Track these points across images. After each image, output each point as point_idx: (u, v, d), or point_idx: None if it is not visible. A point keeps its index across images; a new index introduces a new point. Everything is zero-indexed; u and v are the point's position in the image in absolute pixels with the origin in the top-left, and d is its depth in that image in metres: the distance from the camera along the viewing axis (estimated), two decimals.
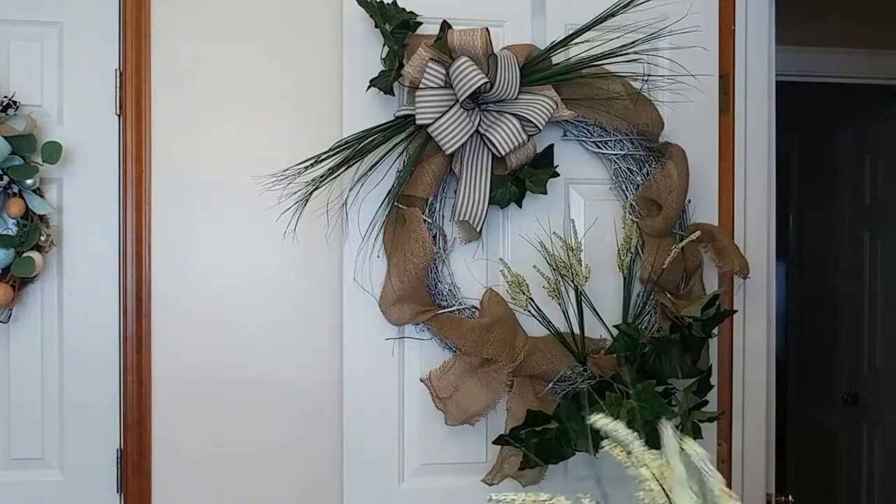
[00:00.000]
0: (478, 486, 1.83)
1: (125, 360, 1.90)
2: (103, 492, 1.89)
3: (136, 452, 1.90)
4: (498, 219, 1.87)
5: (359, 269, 1.82)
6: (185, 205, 1.93)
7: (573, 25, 1.84)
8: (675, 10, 1.87)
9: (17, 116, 1.78)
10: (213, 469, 1.93)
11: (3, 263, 1.76)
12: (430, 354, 1.84)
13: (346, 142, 1.76)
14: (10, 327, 1.85)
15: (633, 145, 1.87)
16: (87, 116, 1.89)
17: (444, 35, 1.74)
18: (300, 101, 1.95)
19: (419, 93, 1.70)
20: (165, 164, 1.92)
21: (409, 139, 1.77)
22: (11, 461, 1.87)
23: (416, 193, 1.77)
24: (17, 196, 1.78)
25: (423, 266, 1.76)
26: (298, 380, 1.95)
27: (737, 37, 2.06)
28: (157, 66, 1.92)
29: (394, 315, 1.80)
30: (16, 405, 1.87)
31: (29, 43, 1.87)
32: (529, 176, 1.80)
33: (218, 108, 1.94)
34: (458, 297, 1.83)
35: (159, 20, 1.92)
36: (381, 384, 1.84)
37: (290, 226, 1.83)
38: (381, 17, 1.76)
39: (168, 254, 1.92)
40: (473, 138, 1.74)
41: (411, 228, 1.76)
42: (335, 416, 1.90)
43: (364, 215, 1.81)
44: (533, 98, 1.75)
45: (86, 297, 1.89)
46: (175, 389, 1.92)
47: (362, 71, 1.80)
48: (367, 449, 1.84)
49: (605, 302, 1.88)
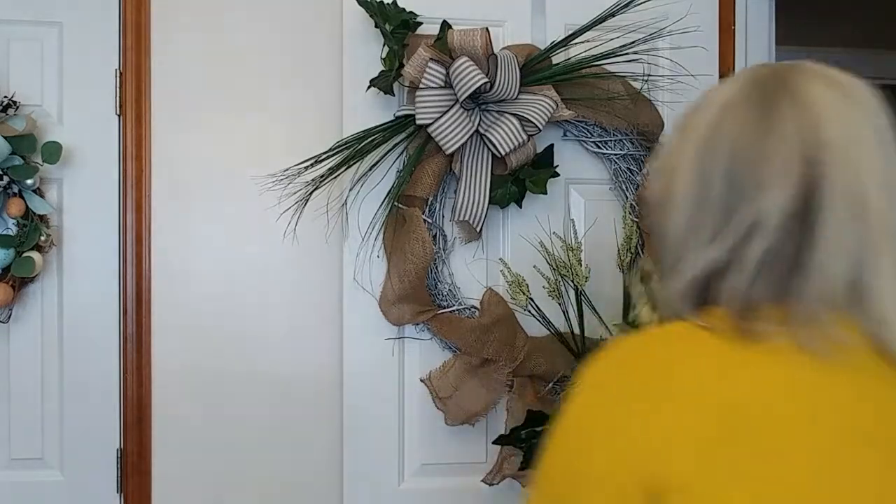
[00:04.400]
0: (478, 486, 1.83)
1: (125, 360, 1.90)
2: (103, 492, 1.89)
3: (136, 452, 1.90)
4: (498, 219, 1.88)
5: (359, 269, 1.82)
6: (185, 205, 1.93)
7: (573, 25, 1.84)
8: (674, 10, 1.87)
9: (17, 116, 1.78)
10: (213, 469, 1.92)
11: (3, 263, 1.76)
12: (430, 354, 1.84)
13: (346, 142, 1.76)
14: (10, 327, 1.85)
15: (634, 145, 1.87)
16: (87, 116, 1.89)
17: (444, 35, 1.74)
18: (300, 100, 1.95)
19: (419, 93, 1.70)
20: (165, 164, 1.92)
21: (409, 139, 1.77)
22: (11, 461, 1.87)
23: (417, 193, 1.77)
24: (17, 196, 1.78)
25: (423, 266, 1.76)
26: (298, 380, 1.95)
27: (737, 37, 2.06)
28: (157, 66, 1.92)
29: (394, 315, 1.80)
30: (16, 405, 1.86)
31: (29, 43, 1.87)
32: (529, 176, 1.80)
33: (218, 108, 1.94)
34: (458, 297, 1.83)
35: (159, 20, 1.92)
36: (381, 384, 1.84)
37: (289, 226, 1.83)
38: (381, 17, 1.76)
39: (168, 254, 1.92)
40: (473, 138, 1.74)
41: (411, 228, 1.76)
42: (335, 416, 1.91)
43: (364, 215, 1.81)
44: (533, 98, 1.75)
45: (86, 297, 1.89)
46: (175, 389, 1.92)
47: (362, 71, 1.80)
48: (367, 449, 1.84)
49: (605, 302, 1.88)
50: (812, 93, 0.76)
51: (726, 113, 0.78)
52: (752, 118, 0.76)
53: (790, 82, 0.78)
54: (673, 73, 1.88)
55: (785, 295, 0.74)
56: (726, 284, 0.75)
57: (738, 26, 2.06)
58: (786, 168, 0.74)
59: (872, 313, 0.72)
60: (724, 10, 2.02)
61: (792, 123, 0.75)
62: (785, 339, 0.71)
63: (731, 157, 0.76)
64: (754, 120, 0.76)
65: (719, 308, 0.75)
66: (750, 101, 0.77)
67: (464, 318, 1.81)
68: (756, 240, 0.74)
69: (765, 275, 0.74)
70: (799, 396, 0.70)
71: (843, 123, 0.75)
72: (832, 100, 0.76)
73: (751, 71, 0.82)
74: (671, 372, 0.72)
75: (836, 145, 0.74)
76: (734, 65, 2.05)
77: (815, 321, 0.72)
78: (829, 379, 0.71)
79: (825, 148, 0.74)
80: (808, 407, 0.70)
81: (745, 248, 0.74)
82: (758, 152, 0.75)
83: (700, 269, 0.76)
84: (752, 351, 0.71)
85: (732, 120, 0.77)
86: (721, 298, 0.75)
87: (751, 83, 0.79)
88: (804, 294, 0.73)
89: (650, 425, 0.69)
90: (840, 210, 0.73)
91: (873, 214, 0.74)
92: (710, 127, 0.78)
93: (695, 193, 0.77)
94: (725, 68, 2.02)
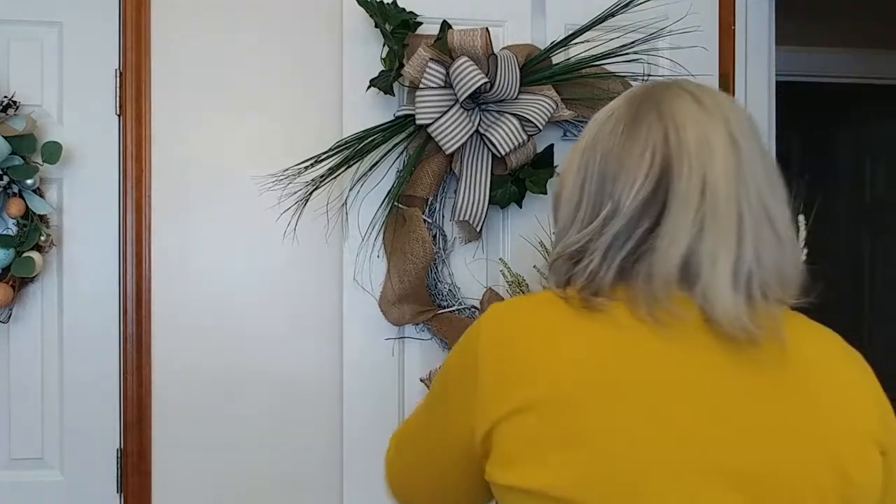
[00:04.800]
0: None
1: (125, 360, 1.90)
2: (103, 492, 1.89)
3: (136, 452, 1.90)
4: (498, 219, 1.88)
5: (359, 269, 1.82)
6: (185, 205, 1.93)
7: (573, 25, 1.84)
8: (674, 10, 1.87)
9: (17, 116, 1.78)
10: (213, 469, 1.93)
11: (3, 263, 1.77)
12: (430, 354, 1.84)
13: (346, 142, 1.76)
14: (10, 327, 1.85)
15: None
16: (87, 116, 1.89)
17: (444, 35, 1.74)
18: (300, 100, 1.95)
19: (419, 93, 1.70)
20: (165, 164, 1.92)
21: (409, 139, 1.77)
22: (11, 461, 1.87)
23: (417, 193, 1.77)
24: (17, 196, 1.78)
25: (423, 266, 1.76)
26: (298, 379, 1.95)
27: (737, 37, 2.06)
28: (157, 66, 1.92)
29: (394, 315, 1.80)
30: (16, 405, 1.87)
31: (29, 43, 1.87)
32: (529, 176, 1.80)
33: (218, 107, 1.94)
34: (458, 297, 1.83)
35: (159, 20, 1.92)
36: (380, 384, 1.84)
37: (290, 226, 1.83)
38: (381, 17, 1.76)
39: (168, 254, 1.92)
40: (473, 138, 1.74)
41: (411, 228, 1.76)
42: (335, 415, 1.91)
43: (364, 215, 1.81)
44: (533, 98, 1.75)
45: (86, 297, 1.89)
46: (175, 389, 1.92)
47: (362, 71, 1.80)
48: (366, 448, 1.84)
49: None
50: (674, 105, 0.91)
51: (604, 125, 0.94)
52: (622, 127, 0.92)
53: (657, 97, 0.93)
54: (673, 73, 1.88)
55: (630, 276, 0.88)
56: (580, 265, 0.90)
57: (737, 26, 2.06)
58: (641, 163, 0.88)
59: (701, 291, 0.86)
60: (724, 10, 2.02)
61: (653, 129, 0.90)
62: (623, 311, 0.87)
63: (603, 158, 0.91)
64: (624, 128, 0.92)
65: (574, 284, 0.91)
66: (622, 113, 0.93)
67: (464, 318, 1.81)
68: (610, 225, 0.89)
69: (612, 258, 0.88)
70: (628, 355, 0.85)
71: (697, 129, 0.89)
72: (689, 111, 0.90)
73: (629, 91, 0.98)
74: (536, 330, 0.89)
75: (688, 146, 0.88)
76: (734, 65, 2.05)
77: (654, 298, 0.86)
78: (655, 344, 0.85)
79: (678, 148, 0.88)
80: (635, 363, 0.85)
81: (600, 233, 0.89)
82: (623, 152, 0.90)
83: (565, 251, 0.93)
84: (592, 319, 0.87)
85: (608, 129, 0.93)
86: (576, 277, 0.91)
87: (627, 100, 0.95)
88: (646, 275, 0.87)
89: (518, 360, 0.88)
90: (684, 200, 0.86)
91: (721, 202, 0.87)
92: (590, 135, 0.95)
93: (576, 190, 0.94)
94: (725, 68, 2.02)
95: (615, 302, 0.87)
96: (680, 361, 0.85)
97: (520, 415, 0.85)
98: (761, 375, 0.86)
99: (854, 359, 0.94)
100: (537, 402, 0.85)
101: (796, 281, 0.92)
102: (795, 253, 0.93)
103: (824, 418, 0.86)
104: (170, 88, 1.92)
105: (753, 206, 0.88)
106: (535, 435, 0.85)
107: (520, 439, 0.86)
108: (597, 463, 0.82)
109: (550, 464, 0.84)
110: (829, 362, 0.92)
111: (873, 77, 3.13)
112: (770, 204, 0.90)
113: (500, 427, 0.87)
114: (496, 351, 0.89)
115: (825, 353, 0.93)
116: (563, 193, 0.96)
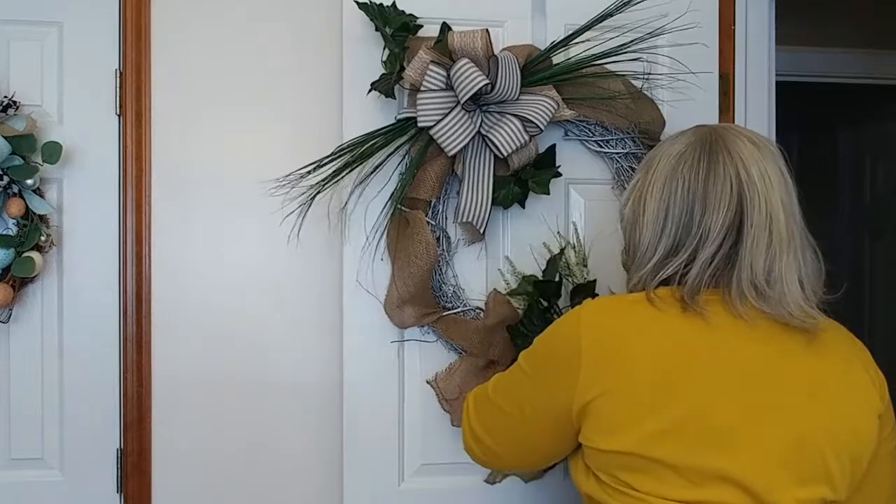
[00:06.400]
0: (478, 487, 1.83)
1: (125, 360, 1.90)
2: (103, 492, 1.89)
3: (136, 452, 1.90)
4: (501, 220, 1.87)
5: (362, 272, 1.81)
6: (186, 205, 1.93)
7: (573, 25, 1.83)
8: (674, 9, 1.86)
9: (17, 116, 1.78)
10: (213, 469, 1.93)
11: (3, 263, 1.76)
12: (430, 355, 1.84)
13: (348, 145, 1.76)
14: (10, 327, 1.85)
15: (635, 144, 1.87)
16: (87, 116, 1.89)
17: (444, 37, 1.74)
18: (300, 102, 1.95)
19: (420, 95, 1.70)
20: (165, 164, 1.92)
21: (411, 142, 1.77)
22: (11, 461, 1.87)
23: (419, 196, 1.77)
24: (17, 196, 1.78)
25: (427, 268, 1.75)
26: (298, 380, 1.95)
27: (737, 37, 2.06)
28: (157, 66, 1.92)
29: (398, 318, 1.79)
30: (16, 405, 1.86)
31: (29, 43, 1.87)
32: (532, 176, 1.80)
33: (218, 108, 1.93)
34: (463, 299, 1.83)
35: (159, 20, 1.91)
36: (381, 384, 1.84)
37: (293, 230, 1.83)
38: (381, 20, 1.76)
39: (168, 254, 1.92)
40: (475, 140, 1.74)
41: (415, 231, 1.76)
42: (335, 416, 1.90)
43: (367, 218, 1.80)
44: (534, 98, 1.74)
45: (86, 297, 1.89)
46: (175, 389, 1.92)
47: (363, 74, 1.79)
48: (367, 449, 1.84)
49: None
50: (738, 145, 1.19)
51: (681, 161, 1.20)
52: (699, 165, 1.18)
53: (725, 139, 1.20)
54: (673, 71, 1.88)
55: (720, 284, 1.16)
56: (688, 276, 1.16)
57: (737, 26, 2.06)
58: (723, 198, 1.16)
59: (777, 295, 1.14)
60: (724, 10, 2.01)
61: (727, 167, 1.17)
62: (715, 310, 1.14)
63: (686, 192, 1.18)
64: (702, 166, 1.18)
65: (666, 289, 1.18)
66: (696, 152, 1.19)
67: (469, 319, 1.80)
68: (706, 247, 1.16)
69: (705, 270, 1.16)
70: (713, 344, 1.13)
71: (759, 167, 1.17)
72: (752, 151, 1.18)
73: (696, 130, 1.24)
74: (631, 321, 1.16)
75: (754, 181, 1.16)
76: (734, 65, 2.05)
77: (738, 300, 1.14)
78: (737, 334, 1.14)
79: (748, 183, 1.16)
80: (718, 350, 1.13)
81: (699, 253, 1.16)
82: (704, 188, 1.17)
83: (672, 269, 1.17)
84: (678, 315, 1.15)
85: (686, 166, 1.19)
86: (676, 283, 1.18)
87: (699, 140, 1.21)
88: (736, 281, 1.15)
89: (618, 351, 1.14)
90: (758, 224, 1.15)
91: (783, 224, 1.16)
92: (670, 170, 1.20)
93: (659, 217, 1.19)
94: (725, 68, 2.02)
95: (708, 302, 1.14)
96: (754, 350, 1.13)
97: (618, 392, 1.10)
98: (815, 360, 1.15)
99: (860, 346, 1.24)
100: (635, 382, 1.10)
101: (820, 284, 1.20)
102: (819, 260, 1.21)
103: (850, 394, 1.16)
104: (170, 88, 1.92)
105: (798, 223, 1.18)
106: (633, 408, 1.10)
107: (619, 412, 1.10)
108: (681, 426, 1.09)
109: (644, 432, 1.08)
110: (847, 350, 1.21)
111: (873, 77, 3.13)
112: (801, 220, 1.19)
113: (598, 401, 1.11)
114: (597, 336, 1.14)
115: (843, 342, 1.22)
116: (641, 219, 1.22)
